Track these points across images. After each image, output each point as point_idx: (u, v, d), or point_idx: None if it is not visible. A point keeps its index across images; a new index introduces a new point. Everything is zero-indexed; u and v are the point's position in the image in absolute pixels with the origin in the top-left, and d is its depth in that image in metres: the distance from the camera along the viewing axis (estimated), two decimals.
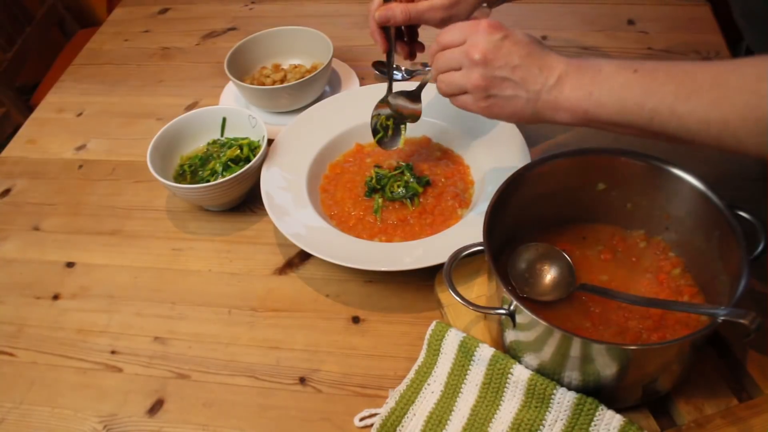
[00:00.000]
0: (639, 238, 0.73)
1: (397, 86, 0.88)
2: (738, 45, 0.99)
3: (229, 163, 0.91)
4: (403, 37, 0.84)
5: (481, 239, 0.64)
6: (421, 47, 0.85)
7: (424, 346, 0.70)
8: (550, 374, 0.63)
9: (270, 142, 0.92)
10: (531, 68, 0.63)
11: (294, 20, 1.22)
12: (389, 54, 0.82)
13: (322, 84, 1.05)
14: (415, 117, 0.85)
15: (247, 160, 0.91)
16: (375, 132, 0.88)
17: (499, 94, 0.65)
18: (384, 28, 0.80)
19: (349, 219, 0.86)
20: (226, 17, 1.34)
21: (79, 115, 1.14)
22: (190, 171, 0.93)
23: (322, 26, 1.10)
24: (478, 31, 0.65)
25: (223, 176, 0.88)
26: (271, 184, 0.86)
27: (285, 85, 1.00)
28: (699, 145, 0.59)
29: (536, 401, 0.63)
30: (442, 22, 0.78)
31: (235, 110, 0.96)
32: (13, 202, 0.99)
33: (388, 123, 0.87)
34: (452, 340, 0.68)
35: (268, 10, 1.34)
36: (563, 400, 0.62)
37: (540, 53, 0.64)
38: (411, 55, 0.85)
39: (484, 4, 0.80)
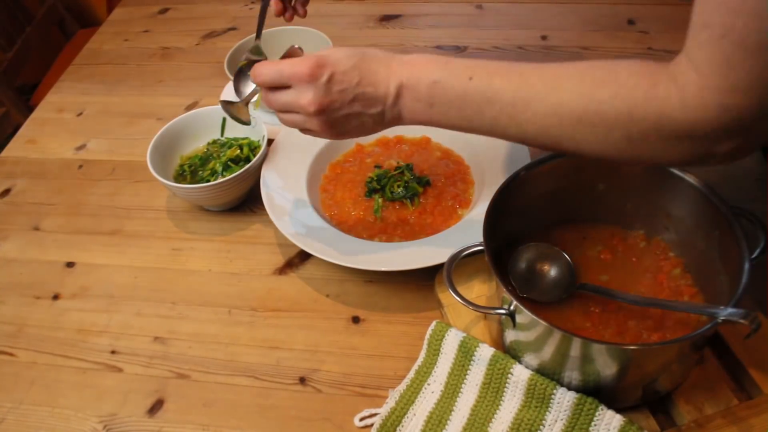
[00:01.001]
0: (639, 238, 0.73)
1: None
2: None
3: (229, 163, 0.91)
4: None
5: (481, 239, 0.64)
6: (304, 12, 0.85)
7: (424, 346, 0.70)
8: (550, 374, 0.63)
9: (270, 142, 0.92)
10: (367, 94, 0.62)
11: (294, 20, 1.21)
12: (262, 7, 0.80)
13: None
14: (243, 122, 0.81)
15: (247, 160, 0.91)
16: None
17: (349, 127, 0.65)
18: None
19: (349, 219, 0.86)
20: (226, 17, 1.34)
21: (79, 115, 1.14)
22: (190, 171, 0.93)
23: (322, 26, 1.10)
24: (302, 82, 0.62)
25: (223, 176, 0.88)
26: (271, 184, 0.86)
27: None
28: (539, 147, 0.60)
29: (536, 401, 0.63)
30: None
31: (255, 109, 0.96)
32: (13, 202, 0.99)
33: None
34: (452, 340, 0.68)
35: (268, 10, 1.34)
36: (563, 400, 0.62)
37: (370, 70, 0.62)
38: (283, 12, 0.83)
39: (297, 45, 0.76)
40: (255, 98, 0.78)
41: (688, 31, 0.51)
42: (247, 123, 0.80)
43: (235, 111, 0.78)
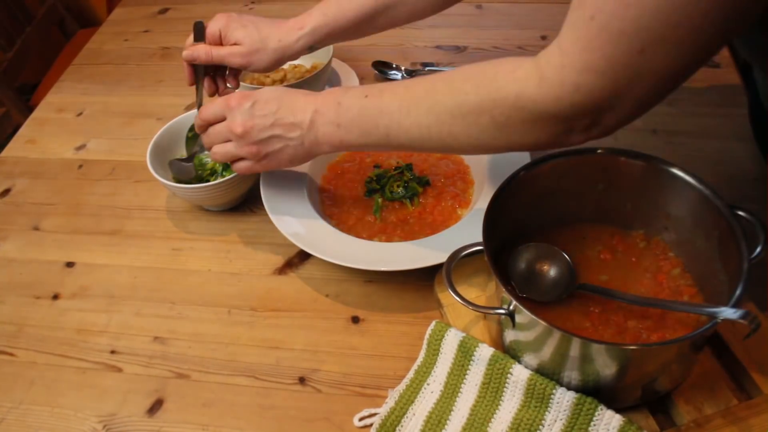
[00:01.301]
0: (638, 238, 0.73)
1: None
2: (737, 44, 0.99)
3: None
4: (222, 72, 0.91)
5: (480, 239, 0.64)
6: (236, 84, 0.92)
7: (424, 346, 0.70)
8: (549, 374, 0.63)
9: None
10: (286, 118, 0.71)
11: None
12: (197, 87, 0.88)
13: (322, 84, 1.05)
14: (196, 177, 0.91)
15: None
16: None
17: (271, 151, 0.73)
18: (193, 64, 0.88)
19: (349, 219, 0.86)
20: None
21: (79, 115, 1.14)
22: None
23: None
24: (232, 107, 0.73)
25: (223, 176, 0.88)
26: (271, 184, 0.86)
27: (285, 84, 1.00)
28: (428, 151, 0.69)
29: (536, 401, 0.63)
30: (243, 67, 0.86)
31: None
32: (13, 202, 0.99)
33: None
34: (452, 339, 0.68)
35: (268, 10, 1.34)
36: (563, 399, 0.62)
37: (290, 101, 0.72)
38: (216, 93, 0.91)
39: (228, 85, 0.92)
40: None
41: (568, 12, 0.54)
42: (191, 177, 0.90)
43: (185, 169, 0.90)
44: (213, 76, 0.91)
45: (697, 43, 0.48)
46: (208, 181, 0.89)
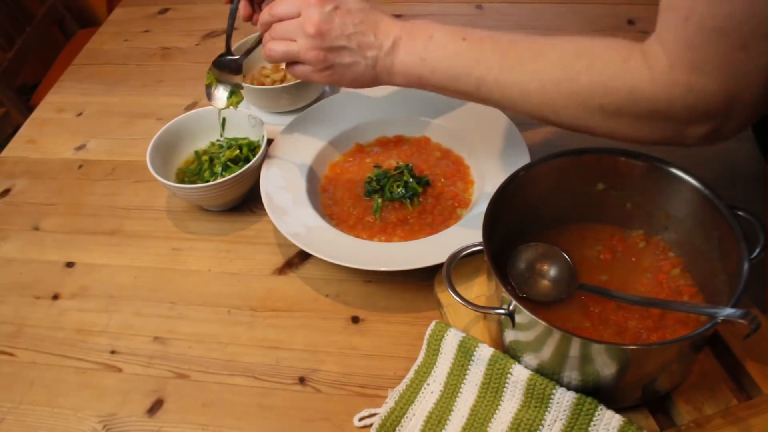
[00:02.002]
0: (638, 238, 0.73)
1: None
2: None
3: (228, 163, 0.91)
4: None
5: (480, 239, 0.64)
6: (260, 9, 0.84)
7: (424, 346, 0.70)
8: (549, 374, 0.63)
9: (270, 142, 0.92)
10: (366, 34, 0.66)
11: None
12: (232, 9, 0.83)
13: (322, 84, 1.05)
14: (237, 86, 0.86)
15: (247, 160, 0.91)
16: (208, 87, 0.88)
17: (338, 62, 0.68)
18: None
19: (349, 219, 0.86)
20: (226, 17, 1.33)
21: (79, 115, 1.14)
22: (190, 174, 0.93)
23: None
24: (310, 5, 0.66)
25: (223, 176, 0.88)
26: (271, 184, 0.86)
27: (285, 85, 1.00)
28: (522, 113, 0.63)
29: (535, 401, 0.63)
30: None
31: (235, 110, 0.96)
32: (13, 202, 0.99)
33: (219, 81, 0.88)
34: (452, 340, 0.68)
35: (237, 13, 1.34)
36: (562, 399, 0.62)
37: (374, 19, 0.66)
38: (251, 16, 0.85)
39: None
40: (226, 97, 0.86)
41: (658, 13, 0.53)
42: (239, 87, 0.85)
43: (230, 74, 0.84)
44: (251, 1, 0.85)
45: None
46: (208, 181, 0.89)
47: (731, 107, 0.52)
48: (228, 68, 0.86)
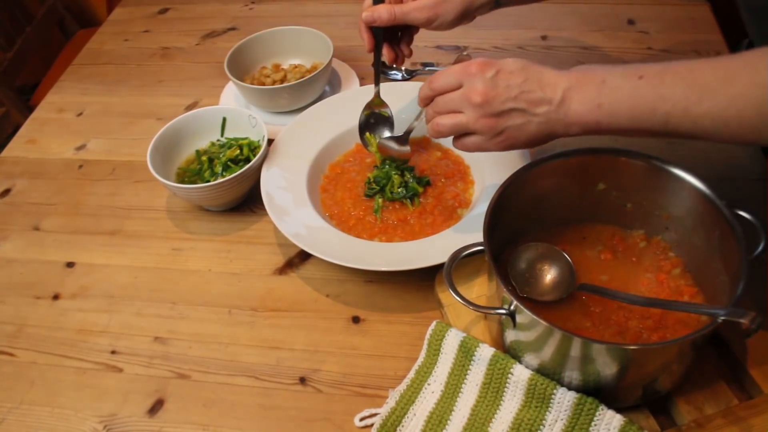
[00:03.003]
0: (639, 238, 0.73)
1: (395, 87, 0.90)
2: (738, 44, 0.99)
3: (229, 163, 0.91)
4: (395, 39, 0.85)
5: (481, 239, 0.64)
6: (410, 52, 0.87)
7: (425, 346, 0.70)
8: (550, 374, 0.63)
9: (270, 142, 0.92)
10: (533, 92, 0.63)
11: (294, 20, 1.21)
12: (376, 54, 0.84)
13: (322, 84, 1.05)
14: (404, 159, 0.88)
15: (247, 160, 0.91)
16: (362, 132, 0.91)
17: (510, 125, 0.65)
18: (372, 28, 0.82)
19: (349, 219, 0.86)
20: (226, 17, 1.34)
21: (79, 115, 1.14)
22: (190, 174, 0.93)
23: (322, 26, 1.10)
24: (472, 74, 0.65)
25: (223, 176, 0.88)
26: (271, 184, 0.86)
27: (285, 85, 1.00)
28: (717, 141, 0.60)
29: (536, 401, 0.63)
30: (428, 22, 0.79)
31: (235, 110, 0.96)
32: (13, 202, 0.99)
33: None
34: (452, 340, 0.68)
35: (268, 10, 1.34)
36: (563, 399, 0.62)
37: (537, 74, 0.64)
38: (396, 60, 0.86)
39: (465, 53, 0.80)
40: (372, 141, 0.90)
41: None
42: (407, 159, 0.88)
43: (396, 144, 0.88)
44: (390, 43, 0.85)
45: None
46: (208, 181, 0.89)
47: None
48: (395, 141, 0.88)
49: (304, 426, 0.69)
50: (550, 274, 0.69)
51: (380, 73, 0.88)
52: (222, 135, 0.96)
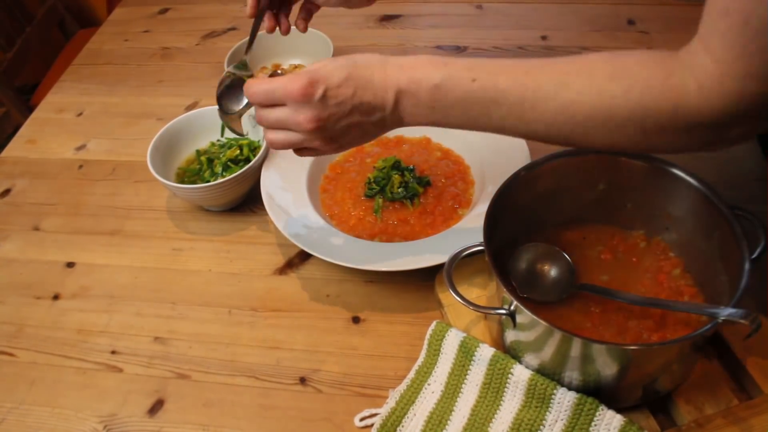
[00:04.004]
0: (639, 238, 0.73)
1: None
2: None
3: (229, 163, 0.91)
4: (284, 9, 0.83)
5: (481, 239, 0.64)
6: (287, 27, 0.85)
7: (425, 346, 0.70)
8: (550, 374, 0.63)
9: None
10: (364, 102, 0.60)
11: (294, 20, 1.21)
12: (256, 21, 0.81)
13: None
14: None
15: (247, 160, 0.91)
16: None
17: (350, 139, 0.64)
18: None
19: (349, 219, 0.86)
20: (226, 17, 1.34)
21: (79, 115, 1.14)
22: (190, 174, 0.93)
23: (322, 26, 1.10)
24: (297, 100, 0.60)
25: (223, 176, 0.88)
26: (271, 184, 0.86)
27: None
28: (549, 143, 0.60)
29: (536, 401, 0.63)
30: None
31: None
32: (13, 202, 0.99)
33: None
34: (452, 340, 0.68)
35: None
36: (563, 400, 0.62)
37: (365, 81, 0.60)
38: (273, 30, 0.84)
39: (279, 71, 0.75)
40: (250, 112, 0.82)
41: (703, 19, 0.51)
42: (240, 134, 0.83)
43: (230, 121, 0.81)
44: (276, 13, 0.82)
45: None
46: (208, 181, 0.89)
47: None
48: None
49: (304, 426, 0.69)
50: (550, 274, 0.69)
51: (255, 37, 0.84)
52: (222, 135, 0.96)
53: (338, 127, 0.61)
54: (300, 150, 0.66)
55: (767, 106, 0.50)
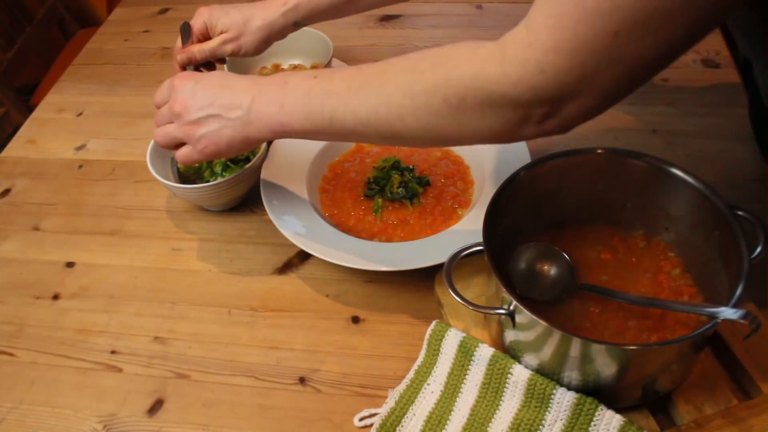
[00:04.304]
0: (639, 238, 0.73)
1: None
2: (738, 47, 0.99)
3: (228, 163, 0.91)
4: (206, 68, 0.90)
5: (481, 239, 0.64)
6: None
7: (424, 346, 0.70)
8: (549, 374, 0.63)
9: (270, 142, 0.92)
10: (227, 97, 0.67)
11: None
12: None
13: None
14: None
15: (247, 160, 0.91)
16: None
17: (207, 131, 0.68)
18: (186, 67, 0.89)
19: (349, 219, 0.86)
20: None
21: (79, 115, 1.14)
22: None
23: (322, 26, 1.10)
24: (174, 87, 0.70)
25: (223, 176, 0.88)
26: (271, 184, 0.86)
27: None
28: (375, 138, 0.62)
29: (536, 401, 0.63)
30: (234, 53, 0.87)
31: None
32: (13, 202, 0.99)
33: None
34: (452, 340, 0.68)
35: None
36: (563, 400, 0.62)
37: (233, 83, 0.68)
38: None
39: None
40: None
41: None
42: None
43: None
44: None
45: (674, 34, 0.46)
46: (208, 181, 0.89)
47: (580, 90, 0.50)
48: None
49: (303, 426, 0.69)
50: (549, 274, 0.69)
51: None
52: None
53: (199, 114, 0.68)
54: (178, 150, 0.72)
55: (574, 89, 0.49)
